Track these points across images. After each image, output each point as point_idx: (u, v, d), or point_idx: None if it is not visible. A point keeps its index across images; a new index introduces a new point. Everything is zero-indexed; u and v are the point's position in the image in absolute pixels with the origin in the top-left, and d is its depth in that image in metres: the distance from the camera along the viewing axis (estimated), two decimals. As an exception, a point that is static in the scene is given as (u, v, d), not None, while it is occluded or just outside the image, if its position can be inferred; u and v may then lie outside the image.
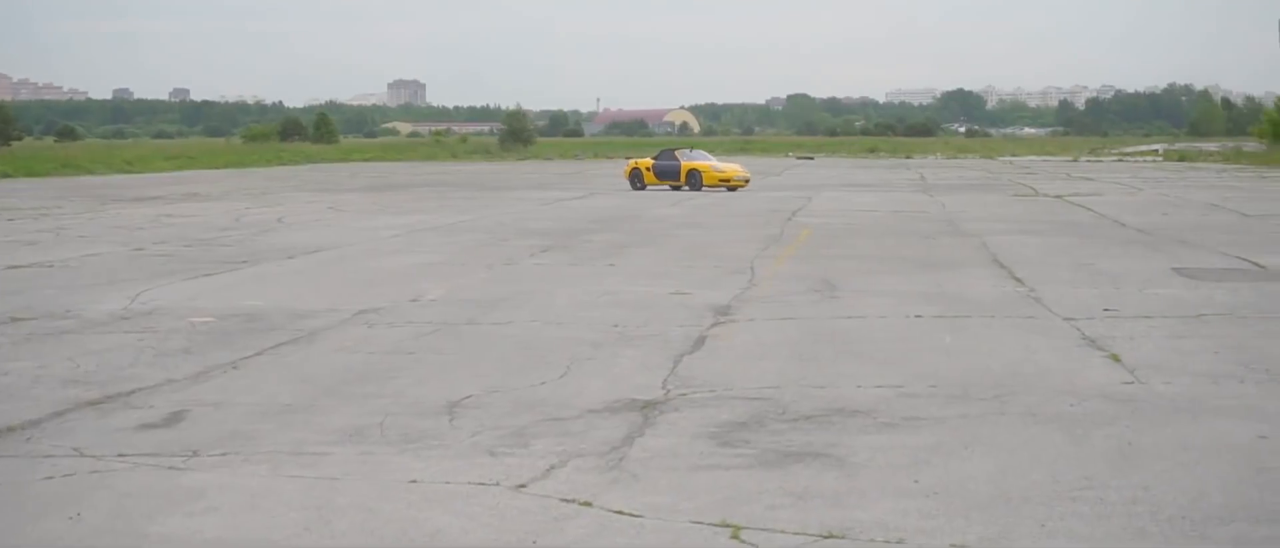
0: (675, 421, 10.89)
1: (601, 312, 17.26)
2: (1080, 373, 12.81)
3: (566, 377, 12.84)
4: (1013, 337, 15.10)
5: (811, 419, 10.83)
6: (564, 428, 10.60)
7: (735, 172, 52.62)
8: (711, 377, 12.78)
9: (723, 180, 51.37)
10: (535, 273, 22.03)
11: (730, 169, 52.89)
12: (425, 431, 10.54)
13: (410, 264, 23.50)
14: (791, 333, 15.46)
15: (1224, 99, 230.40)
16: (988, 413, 11.01)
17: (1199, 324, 15.92)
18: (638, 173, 53.26)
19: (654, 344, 14.70)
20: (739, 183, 51.68)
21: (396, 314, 17.16)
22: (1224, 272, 21.64)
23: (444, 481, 9.06)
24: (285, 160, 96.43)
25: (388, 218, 36.11)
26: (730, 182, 51.42)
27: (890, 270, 22.07)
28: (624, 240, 28.37)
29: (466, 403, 11.59)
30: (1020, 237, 28.80)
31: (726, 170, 52.43)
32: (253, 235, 30.13)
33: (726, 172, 52.22)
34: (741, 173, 52.70)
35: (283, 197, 48.16)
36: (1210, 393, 11.80)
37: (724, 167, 53.16)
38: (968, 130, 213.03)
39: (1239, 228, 31.17)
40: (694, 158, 53.61)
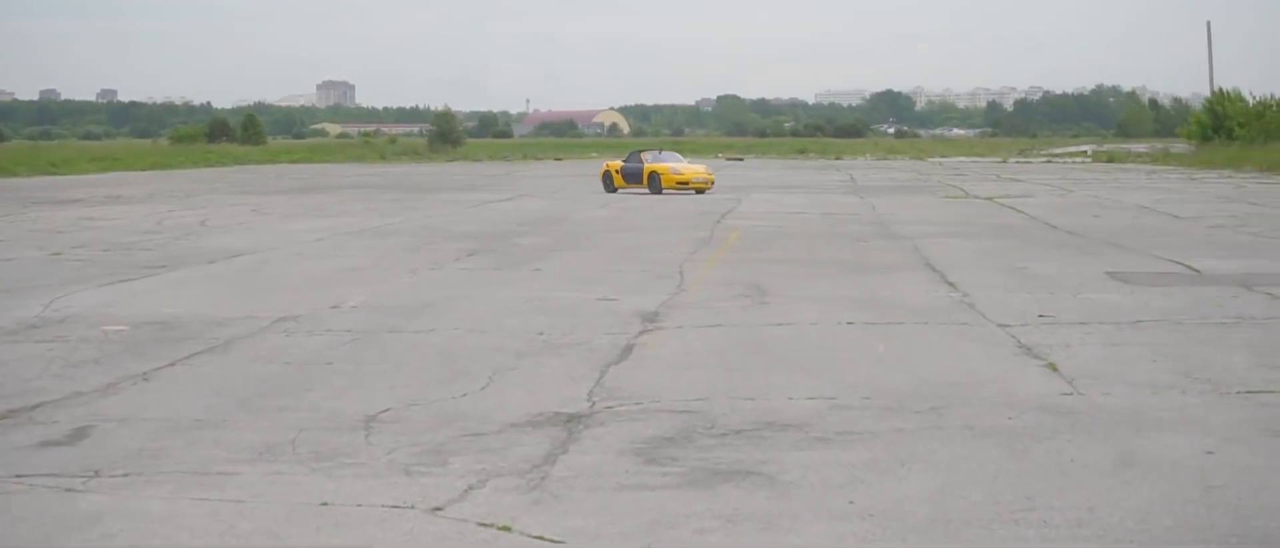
0: (600, 436, 10.48)
1: (526, 319, 16.83)
2: (1017, 383, 12.47)
3: (488, 388, 12.41)
4: (947, 345, 14.77)
5: (741, 434, 10.44)
6: (484, 444, 10.17)
7: (695, 173, 50.43)
8: (638, 388, 12.38)
9: (681, 183, 49.44)
10: (460, 278, 21.59)
11: (690, 171, 50.62)
12: (339, 447, 10.09)
13: (333, 269, 23.01)
14: (720, 341, 15.08)
15: (1151, 100, 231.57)
16: (924, 427, 10.64)
17: (1135, 331, 15.64)
18: (609, 175, 52.04)
19: (579, 353, 14.29)
20: (701, 185, 49.74)
21: (316, 322, 16.69)
22: (1158, 275, 21.40)
23: (356, 503, 8.62)
24: (211, 162, 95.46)
25: (312, 221, 35.59)
26: (689, 184, 49.53)
27: (821, 275, 21.74)
28: (551, 244, 27.95)
29: (384, 417, 11.15)
30: (952, 240, 28.54)
31: (685, 173, 50.22)
32: (174, 239, 29.56)
33: (685, 173, 50.05)
34: (703, 174, 50.61)
35: (207, 199, 47.53)
36: (1151, 405, 11.46)
37: (684, 168, 50.80)
38: (897, 131, 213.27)
39: (1170, 231, 31.02)
40: (659, 160, 51.85)
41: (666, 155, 53.69)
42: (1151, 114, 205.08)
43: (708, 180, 50.28)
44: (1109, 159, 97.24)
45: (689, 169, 50.77)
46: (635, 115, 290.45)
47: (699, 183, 49.68)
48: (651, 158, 52.14)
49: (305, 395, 12.08)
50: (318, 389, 12.39)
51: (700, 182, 49.75)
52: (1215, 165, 75.62)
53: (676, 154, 55.34)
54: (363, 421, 11.00)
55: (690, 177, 49.87)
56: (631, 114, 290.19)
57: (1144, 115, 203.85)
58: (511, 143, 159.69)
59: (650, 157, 52.57)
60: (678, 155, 54.73)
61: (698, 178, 49.97)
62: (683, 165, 51.28)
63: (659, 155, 53.39)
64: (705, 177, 50.44)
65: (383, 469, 9.43)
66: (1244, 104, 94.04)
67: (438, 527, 8.13)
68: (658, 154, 53.94)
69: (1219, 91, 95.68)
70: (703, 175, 50.41)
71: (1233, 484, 8.91)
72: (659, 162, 51.40)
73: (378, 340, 15.23)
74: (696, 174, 50.27)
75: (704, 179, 50.10)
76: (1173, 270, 22.18)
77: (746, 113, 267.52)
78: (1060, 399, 11.70)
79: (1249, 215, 35.88)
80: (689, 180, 49.58)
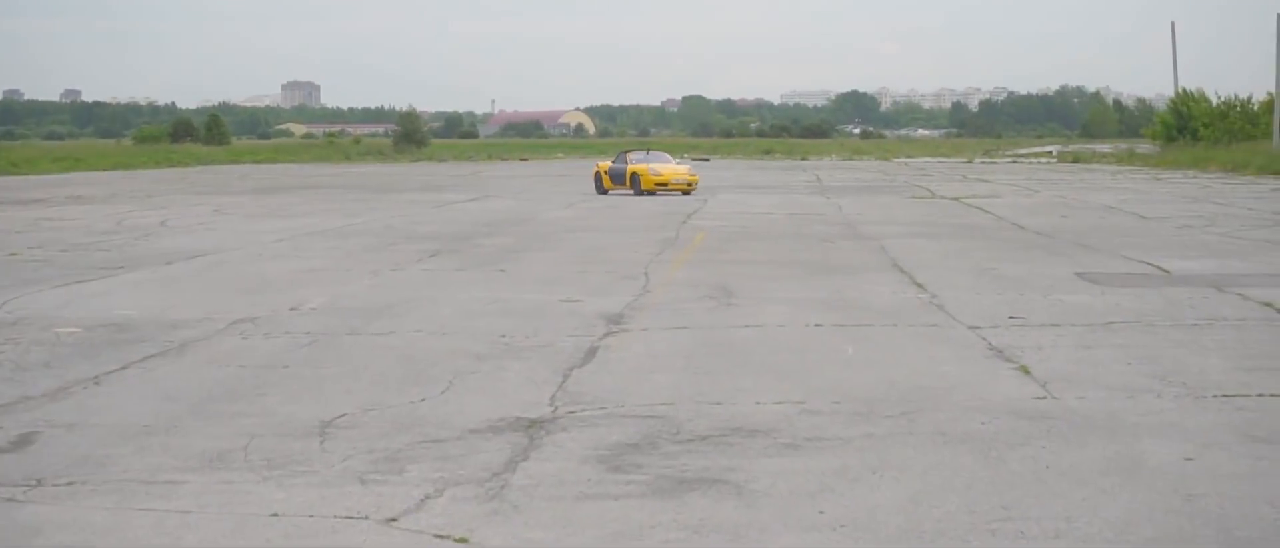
0: (562, 442, 10.17)
1: (488, 321, 16.52)
2: (989, 387, 12.19)
3: (448, 392, 12.10)
4: (917, 347, 14.50)
5: (708, 440, 10.14)
6: (442, 451, 9.85)
7: (675, 174, 49.17)
8: (602, 392, 12.07)
9: (660, 183, 48.23)
10: (422, 279, 21.26)
11: (669, 171, 49.25)
12: (293, 454, 9.77)
13: (293, 270, 22.66)
14: (686, 343, 14.79)
15: (1115, 100, 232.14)
16: (895, 432, 10.36)
17: (1108, 333, 15.39)
18: (599, 177, 51.02)
19: (542, 356, 13.98)
20: (681, 186, 48.59)
21: (274, 324, 16.36)
22: (1128, 276, 21.18)
23: (308, 514, 8.29)
24: (175, 162, 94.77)
25: (274, 221, 35.21)
26: (668, 184, 48.37)
27: (788, 276, 21.47)
28: (515, 245, 27.64)
29: (340, 422, 10.82)
30: (919, 240, 28.30)
31: (664, 173, 48.84)
32: (133, 240, 29.16)
33: (664, 174, 48.75)
34: (684, 175, 49.38)
35: (169, 199, 47.09)
36: (1127, 409, 11.19)
37: (664, 169, 49.30)
38: (862, 132, 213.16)
39: (1138, 231, 30.84)
40: (643, 161, 50.38)
41: (655, 156, 52.40)
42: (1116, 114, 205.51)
43: (689, 181, 49.17)
44: (1074, 159, 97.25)
45: (669, 169, 49.55)
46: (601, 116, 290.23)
47: (679, 183, 48.69)
48: (637, 159, 50.99)
49: (259, 400, 11.76)
50: (273, 394, 12.06)
51: (680, 182, 48.75)
52: (1180, 165, 75.59)
53: (664, 154, 54.02)
54: (318, 426, 10.68)
55: (669, 177, 48.75)
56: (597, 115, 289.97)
57: (1108, 116, 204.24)
58: (477, 143, 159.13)
59: (636, 157, 51.40)
60: (665, 155, 53.46)
61: (678, 178, 48.95)
62: (664, 166, 49.95)
63: (646, 156, 52.04)
64: (686, 177, 49.34)
65: (337, 478, 9.11)
66: (1208, 104, 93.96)
67: (392, 538, 7.81)
68: (645, 155, 52.49)
69: (1183, 92, 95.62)
70: (684, 176, 49.37)
71: (1213, 492, 8.63)
72: (642, 162, 50.11)
73: (336, 343, 14.91)
74: (676, 174, 49.22)
75: (685, 180, 49.07)
76: (1143, 271, 21.96)
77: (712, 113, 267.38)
78: (1034, 404, 11.42)
79: (1216, 215, 35.73)
80: (668, 181, 48.51)
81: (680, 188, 48.41)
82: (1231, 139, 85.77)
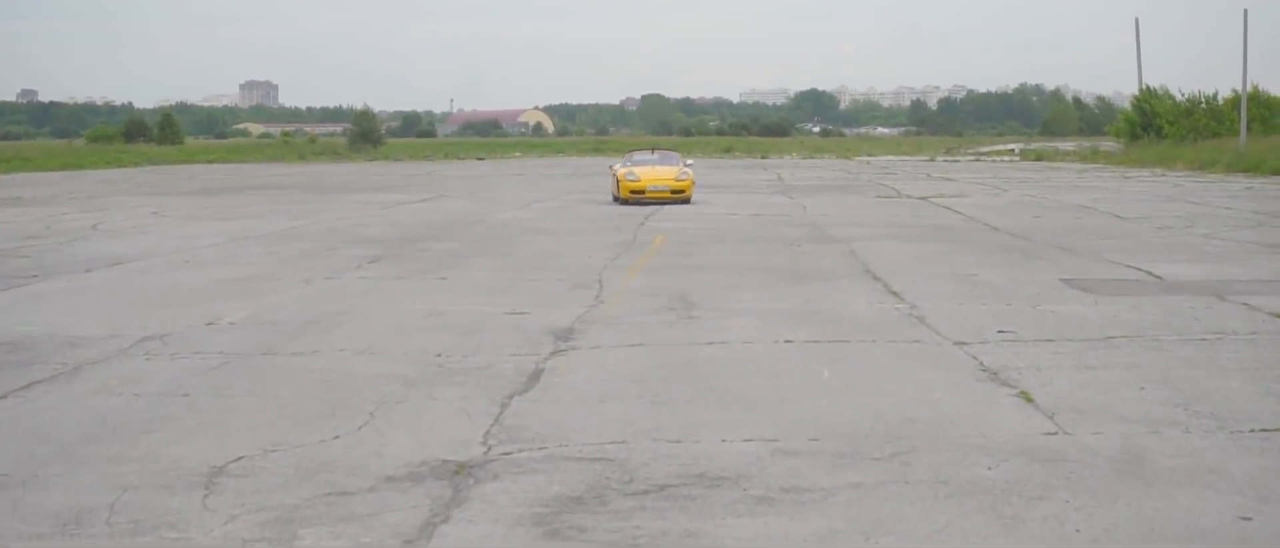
0: (492, 495, 8.54)
1: (424, 337, 14.89)
2: (990, 419, 10.59)
3: (367, 427, 10.46)
4: (900, 368, 12.91)
5: (666, 491, 8.54)
6: (347, 509, 8.22)
7: (653, 177, 40.77)
8: (544, 426, 10.46)
9: (635, 191, 40.37)
10: (357, 289, 19.60)
11: (648, 175, 40.93)
12: (167, 515, 8.13)
13: (220, 279, 20.97)
14: (643, 364, 13.17)
15: (1075, 98, 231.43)
16: (887, 481, 8.75)
17: (1110, 350, 13.83)
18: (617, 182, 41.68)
19: (479, 381, 12.35)
20: (660, 194, 40.27)
21: (186, 342, 14.70)
22: (1120, 283, 19.65)
23: (173, 598, 6.69)
24: (124, 163, 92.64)
25: (213, 224, 33.46)
26: (645, 193, 40.26)
27: (754, 284, 19.86)
28: (462, 249, 25.97)
29: (233, 469, 9.18)
30: (890, 243, 26.72)
31: (642, 178, 40.72)
32: (58, 245, 27.42)
33: (641, 179, 40.63)
34: (667, 179, 40.82)
35: (109, 201, 45.24)
36: (1154, 448, 9.59)
37: (642, 172, 41.19)
38: (822, 130, 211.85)
39: (1118, 232, 29.31)
40: (628, 163, 42.92)
41: (665, 155, 45.00)
42: (1076, 113, 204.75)
43: (675, 187, 40.61)
44: (1037, 158, 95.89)
45: (647, 173, 41.17)
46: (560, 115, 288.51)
47: (659, 190, 40.38)
48: (631, 161, 43.53)
49: (145, 440, 10.10)
50: (163, 430, 10.41)
51: (660, 189, 40.42)
52: (1146, 163, 74.25)
53: (674, 154, 45.56)
54: (206, 475, 9.04)
55: (646, 183, 40.52)
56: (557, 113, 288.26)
57: (1069, 114, 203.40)
58: (434, 143, 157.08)
59: (639, 158, 44.33)
60: (675, 155, 45.18)
61: (659, 183, 40.53)
62: (644, 168, 41.76)
63: (649, 156, 44.77)
64: (672, 181, 40.77)
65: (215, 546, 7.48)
66: (1173, 102, 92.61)
67: (264, 642, 6.21)
68: (649, 154, 45.31)
69: (1147, 89, 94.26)
70: (667, 180, 40.78)
71: (1282, 563, 7.07)
72: (625, 165, 42.58)
73: (249, 366, 13.26)
74: (657, 179, 40.71)
75: (667, 185, 40.58)
76: (1133, 277, 20.44)
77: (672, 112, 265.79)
78: (1045, 441, 9.83)
79: (1195, 215, 34.22)
80: (645, 188, 40.41)
81: (660, 195, 40.24)
82: (1197, 136, 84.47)
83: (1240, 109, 76.11)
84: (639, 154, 45.50)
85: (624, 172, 41.41)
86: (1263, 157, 62.26)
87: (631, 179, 40.79)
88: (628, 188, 40.55)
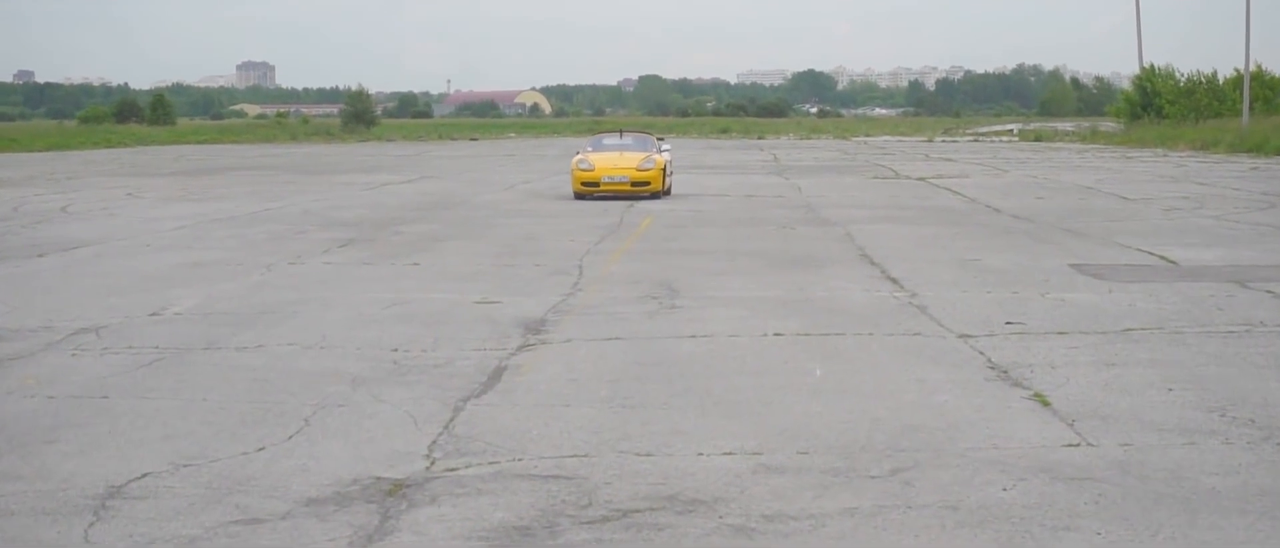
0: (425, 524, 7.32)
1: (382, 330, 13.67)
2: (1002, 428, 9.35)
3: (298, 437, 9.24)
4: (900, 366, 11.68)
5: (628, 518, 7.32)
6: (254, 541, 7.01)
7: (610, 167, 33.09)
8: (498, 434, 9.24)
9: (587, 183, 33.04)
10: (320, 275, 18.36)
11: (605, 164, 33.33)
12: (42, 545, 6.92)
13: (176, 264, 19.74)
14: (615, 361, 11.95)
15: (1073, 79, 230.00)
16: (887, 506, 7.52)
17: (1129, 344, 12.61)
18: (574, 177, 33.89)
19: (434, 380, 11.13)
20: (618, 186, 32.74)
21: (122, 334, 13.48)
22: (1133, 269, 18.45)
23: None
24: (113, 143, 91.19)
25: (185, 206, 32.19)
26: (599, 185, 32.88)
27: (742, 270, 18.64)
28: (439, 232, 24.72)
29: (133, 490, 7.96)
30: (888, 226, 25.48)
31: (598, 166, 33.18)
32: (18, 228, 26.19)
33: (597, 169, 33.10)
34: (626, 169, 32.95)
35: (87, 182, 43.92)
36: (1193, 463, 8.35)
37: (599, 160, 33.62)
38: (820, 111, 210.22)
39: (1124, 214, 28.07)
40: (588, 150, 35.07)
41: (637, 140, 36.95)
42: (1074, 93, 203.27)
43: (637, 178, 32.86)
44: (1036, 138, 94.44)
45: (604, 162, 33.51)
46: (557, 95, 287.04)
47: (615, 183, 32.80)
48: (588, 147, 35.76)
49: (42, 452, 8.87)
50: (66, 440, 9.18)
51: (617, 180, 32.79)
52: (1146, 144, 72.99)
53: (649, 138, 37.59)
54: (100, 496, 7.83)
55: (601, 172, 32.99)
56: (553, 94, 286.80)
57: (1067, 94, 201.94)
58: (429, 123, 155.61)
59: (605, 142, 36.52)
60: (650, 138, 37.46)
61: (615, 174, 32.85)
62: (601, 157, 33.97)
63: (617, 140, 36.73)
64: (632, 172, 32.96)
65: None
66: (1174, 81, 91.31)
67: None
68: (617, 138, 37.08)
69: (1150, 68, 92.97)
70: (627, 171, 32.97)
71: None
72: (586, 150, 35.30)
73: (184, 362, 12.04)
74: (614, 169, 33.01)
75: (626, 176, 32.84)
76: (1146, 262, 19.23)
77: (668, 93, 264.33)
78: (1066, 454, 8.60)
79: (1203, 196, 32.97)
80: (599, 180, 32.89)
81: (617, 188, 32.74)
82: (1198, 116, 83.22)
83: (1243, 89, 74.77)
84: (607, 137, 37.30)
85: (577, 159, 33.90)
86: (1266, 137, 60.91)
87: (584, 168, 33.08)
88: (580, 179, 32.99)
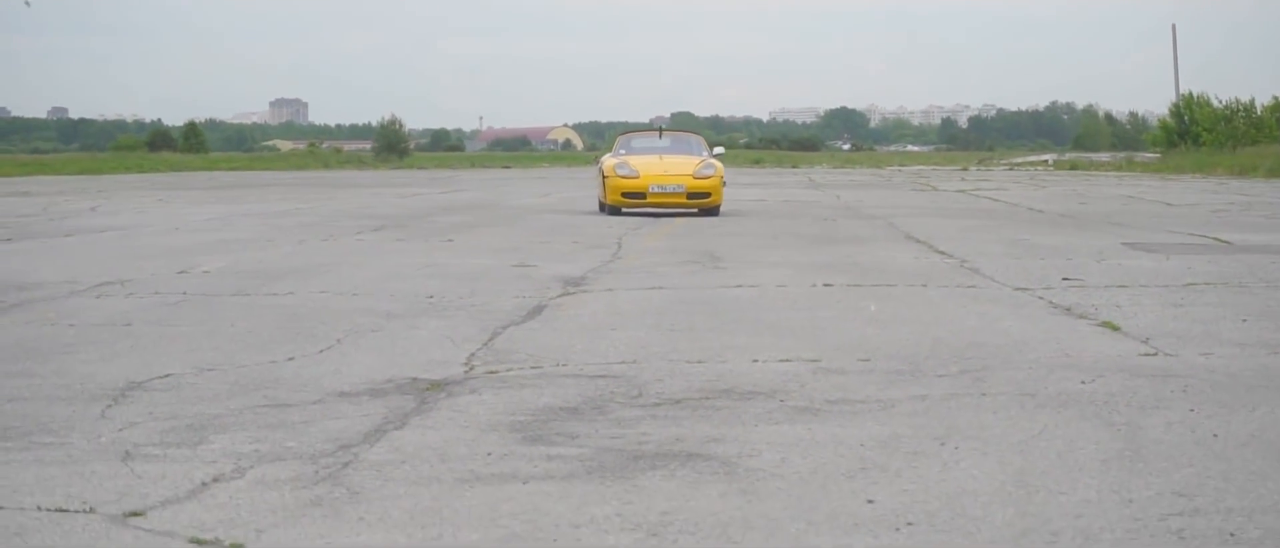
0: (465, 405, 6.83)
1: (415, 283, 13.18)
2: (1072, 343, 8.83)
3: (329, 351, 8.75)
4: (958, 305, 11.18)
5: (682, 404, 6.82)
6: (280, 418, 6.52)
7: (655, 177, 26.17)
8: (539, 350, 8.74)
9: (631, 196, 26.09)
10: (353, 248, 17.91)
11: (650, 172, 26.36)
12: (49, 420, 6.44)
13: (206, 241, 19.29)
14: (660, 301, 11.46)
15: (1107, 115, 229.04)
16: (960, 393, 7.02)
17: (1194, 293, 12.07)
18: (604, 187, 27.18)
19: (470, 315, 10.64)
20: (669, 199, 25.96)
21: (147, 285, 13.01)
22: (1185, 246, 17.89)
23: (21, 505, 4.96)
24: (145, 169, 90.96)
25: (216, 207, 31.76)
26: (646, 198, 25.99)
27: (785, 246, 18.13)
28: (473, 221, 24.27)
29: (153, 385, 7.48)
30: (931, 219, 24.94)
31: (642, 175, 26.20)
32: (48, 221, 25.77)
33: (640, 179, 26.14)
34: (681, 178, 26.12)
35: (117, 194, 43.48)
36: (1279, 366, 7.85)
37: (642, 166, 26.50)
38: (852, 146, 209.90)
39: (1170, 214, 27.46)
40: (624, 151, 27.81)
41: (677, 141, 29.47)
42: (1109, 128, 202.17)
43: (699, 187, 26.20)
44: (1072, 167, 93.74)
45: (650, 167, 26.57)
46: (589, 132, 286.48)
47: (666, 195, 26.02)
48: (619, 151, 28.13)
49: (59, 359, 8.41)
50: (84, 352, 8.71)
51: (668, 192, 26.03)
52: (1184, 170, 72.26)
53: (695, 138, 30.47)
54: (119, 389, 7.34)
55: (648, 181, 26.08)
56: (585, 131, 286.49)
57: (1101, 130, 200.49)
58: (462, 155, 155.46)
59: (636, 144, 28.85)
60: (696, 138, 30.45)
61: (666, 183, 26.11)
62: (644, 161, 26.93)
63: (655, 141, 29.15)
64: (689, 180, 26.23)
65: (92, 452, 5.78)
66: (1211, 108, 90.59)
67: (113, 546, 4.49)
68: (655, 139, 29.50)
69: (1187, 95, 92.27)
70: (682, 179, 26.23)
71: None
72: (619, 154, 27.83)
73: (211, 303, 11.57)
74: (666, 175, 26.31)
75: (679, 185, 26.08)
76: (1199, 242, 18.67)
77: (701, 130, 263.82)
78: (1144, 361, 8.09)
79: (1248, 204, 32.34)
80: (645, 191, 26.02)
81: (669, 200, 26.05)
82: (1235, 143, 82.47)
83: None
84: (638, 138, 29.89)
85: (613, 163, 26.84)
86: (1306, 162, 60.19)
87: (624, 174, 26.35)
88: (620, 188, 26.22)
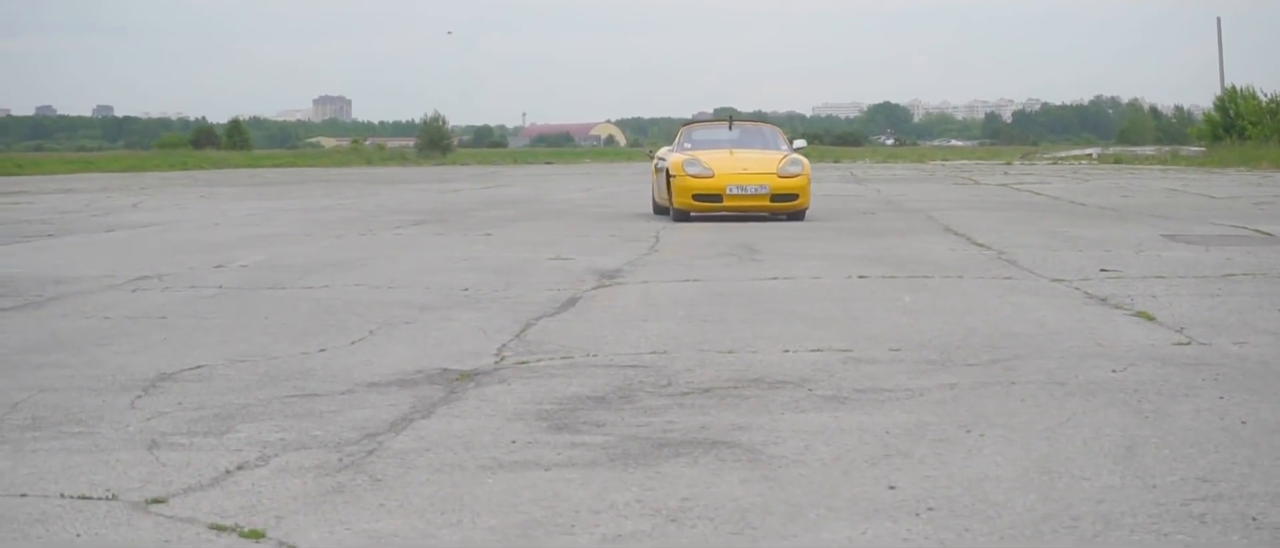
0: (494, 395, 6.84)
1: (451, 275, 13.21)
2: (1106, 333, 8.80)
3: (361, 343, 8.77)
4: (993, 295, 11.14)
5: (710, 393, 6.81)
6: (308, 407, 6.53)
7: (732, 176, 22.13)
8: (571, 340, 8.75)
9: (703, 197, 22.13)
10: (391, 242, 17.95)
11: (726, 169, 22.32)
12: (79, 411, 6.48)
13: (245, 236, 19.37)
14: (693, 292, 11.46)
15: (1152, 108, 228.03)
16: (989, 382, 6.99)
17: (1232, 284, 12.00)
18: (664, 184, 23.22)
19: (504, 307, 10.65)
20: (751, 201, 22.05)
21: (183, 279, 13.07)
22: (1227, 238, 17.78)
23: (20, 492, 4.99)
24: (189, 166, 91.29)
25: (258, 202, 31.88)
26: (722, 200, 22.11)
27: (823, 237, 18.11)
28: (513, 216, 24.30)
29: (185, 375, 7.51)
30: (970, 212, 24.86)
31: (718, 174, 22.13)
32: (89, 217, 25.87)
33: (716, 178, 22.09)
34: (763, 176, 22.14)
35: (159, 191, 43.72)
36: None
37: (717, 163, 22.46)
38: (896, 141, 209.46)
39: (1212, 207, 27.31)
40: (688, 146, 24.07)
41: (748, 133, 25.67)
42: (1153, 122, 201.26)
43: (784, 189, 22.18)
44: (1116, 161, 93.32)
45: (725, 164, 22.54)
46: (632, 128, 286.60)
47: (746, 196, 22.08)
48: (682, 146, 24.24)
49: (92, 351, 8.45)
50: (117, 344, 8.75)
51: (748, 194, 22.07)
52: (1229, 164, 71.87)
53: (772, 130, 26.45)
54: (150, 380, 7.38)
55: (724, 182, 22.08)
56: (628, 127, 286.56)
57: (1145, 123, 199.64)
58: (505, 152, 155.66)
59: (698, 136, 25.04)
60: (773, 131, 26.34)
61: (746, 182, 22.08)
62: (716, 157, 22.81)
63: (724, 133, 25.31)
64: (774, 180, 22.18)
65: (120, 441, 5.81)
66: (1257, 102, 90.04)
67: (134, 533, 4.50)
68: (723, 131, 25.66)
69: (1232, 89, 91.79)
70: (766, 178, 22.17)
71: None
72: (684, 149, 23.82)
73: (247, 296, 11.61)
74: (746, 174, 22.25)
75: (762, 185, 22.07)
76: (1239, 234, 18.56)
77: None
78: (1177, 350, 8.04)
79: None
80: (722, 192, 22.04)
81: (751, 203, 22.16)
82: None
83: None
84: (701, 129, 26.02)
85: (681, 160, 22.69)
86: (1353, 155, 59.90)
87: (698, 174, 22.21)
88: (691, 189, 22.17)
